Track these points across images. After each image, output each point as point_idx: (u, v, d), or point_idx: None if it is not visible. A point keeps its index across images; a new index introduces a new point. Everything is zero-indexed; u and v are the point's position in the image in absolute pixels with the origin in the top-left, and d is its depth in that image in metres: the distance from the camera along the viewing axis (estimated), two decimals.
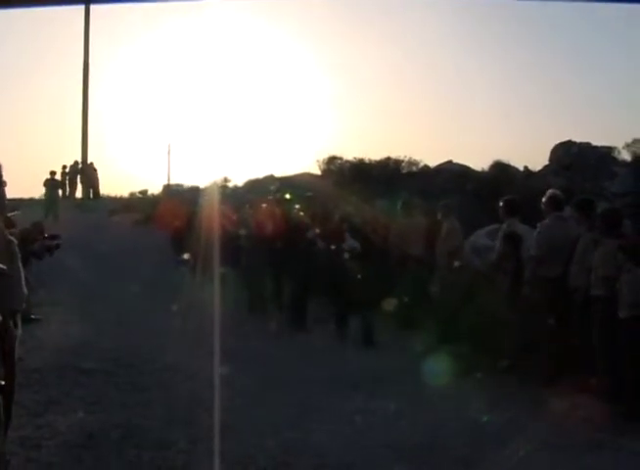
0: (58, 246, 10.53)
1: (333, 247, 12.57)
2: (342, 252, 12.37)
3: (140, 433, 6.90)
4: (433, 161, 23.78)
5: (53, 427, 7.02)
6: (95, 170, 32.50)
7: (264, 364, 9.79)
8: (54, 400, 7.94)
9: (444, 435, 7.20)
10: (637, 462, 6.80)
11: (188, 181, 30.09)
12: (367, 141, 49.67)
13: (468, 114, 42.60)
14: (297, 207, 14.38)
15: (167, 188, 31.50)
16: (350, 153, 24.59)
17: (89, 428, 7.06)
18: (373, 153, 24.20)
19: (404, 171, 23.29)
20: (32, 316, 11.13)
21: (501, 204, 10.61)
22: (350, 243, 12.39)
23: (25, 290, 7.59)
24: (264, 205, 14.86)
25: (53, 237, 10.63)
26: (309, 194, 15.31)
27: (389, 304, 11.78)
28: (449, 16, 42.80)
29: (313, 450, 6.50)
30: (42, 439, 6.69)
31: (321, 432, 7.06)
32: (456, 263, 11.75)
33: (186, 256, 14.39)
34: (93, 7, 31.60)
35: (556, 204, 9.71)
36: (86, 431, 6.97)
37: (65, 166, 31.03)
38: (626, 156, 21.66)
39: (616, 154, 21.55)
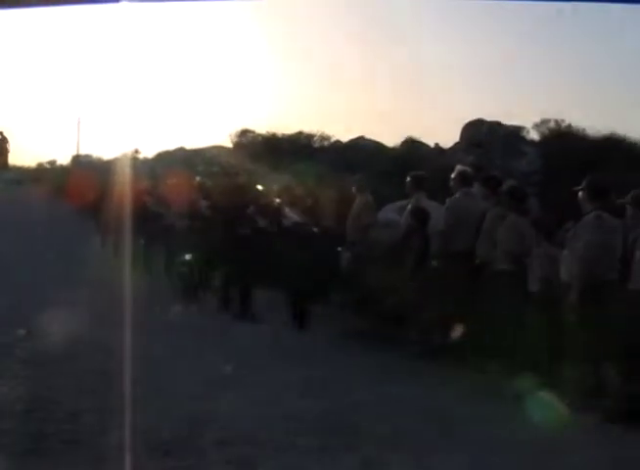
0: None
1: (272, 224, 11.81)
2: (284, 229, 11.62)
3: (45, 406, 6.75)
4: (345, 136, 23.91)
5: None
6: (6, 140, 31.73)
7: (175, 337, 9.74)
8: None
9: (350, 407, 7.27)
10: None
11: (97, 152, 29.73)
12: (280, 115, 49.61)
13: (380, 90, 42.89)
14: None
15: (77, 159, 30.99)
16: (263, 127, 24.54)
17: None
18: (285, 127, 24.19)
19: (316, 146, 23.35)
20: None
21: (408, 179, 10.73)
22: (292, 218, 11.53)
23: None
24: (195, 178, 14.18)
25: None
26: (216, 169, 14.97)
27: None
28: None
29: (219, 422, 6.48)
30: None
31: (227, 404, 7.06)
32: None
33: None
34: None
35: (464, 180, 9.86)
36: None
37: None
38: (535, 136, 22.09)
39: (525, 133, 21.94)
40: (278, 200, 12.39)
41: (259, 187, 12.98)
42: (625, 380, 7.43)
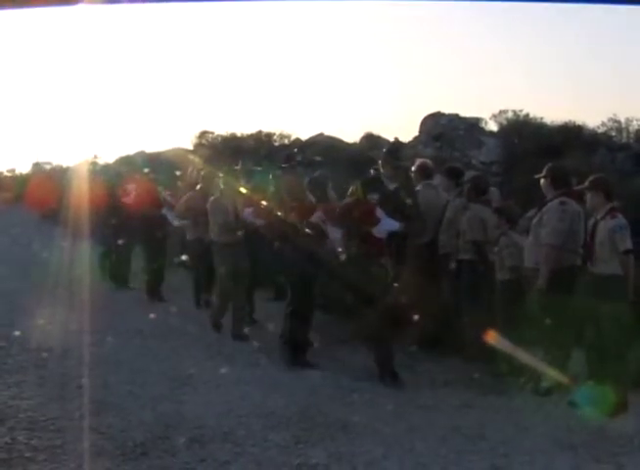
0: None
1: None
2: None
3: (14, 414, 6.73)
4: (304, 133, 23.95)
5: None
6: None
7: (138, 339, 9.71)
8: None
9: (319, 401, 7.36)
10: (504, 419, 7.07)
11: (56, 159, 29.58)
12: (240, 115, 49.71)
13: (338, 87, 43.00)
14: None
15: (37, 166, 30.88)
16: (223, 127, 24.57)
17: None
18: (245, 127, 24.26)
19: (276, 144, 23.35)
20: None
21: (372, 173, 10.69)
22: (387, 224, 8.36)
23: None
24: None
25: None
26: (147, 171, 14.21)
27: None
28: None
29: (190, 422, 6.50)
30: None
31: (197, 403, 7.08)
32: None
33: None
34: None
35: (425, 172, 9.89)
36: None
37: None
38: (493, 126, 22.22)
39: (483, 124, 22.06)
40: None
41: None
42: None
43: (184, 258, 12.33)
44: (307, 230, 8.79)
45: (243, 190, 10.54)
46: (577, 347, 7.89)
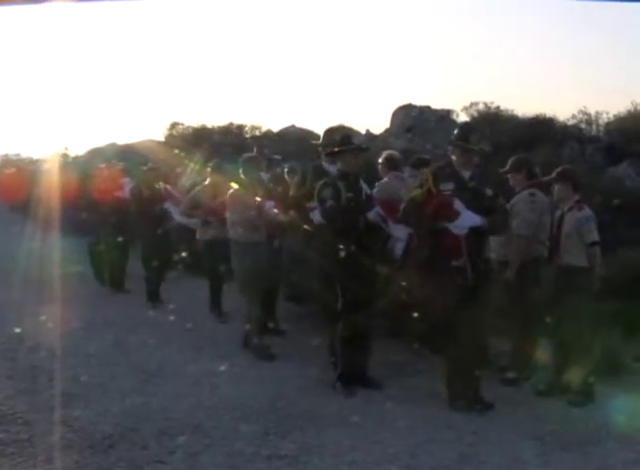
0: None
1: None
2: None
3: None
4: (275, 125, 23.99)
5: None
6: None
7: (107, 332, 9.66)
8: None
9: (288, 393, 7.38)
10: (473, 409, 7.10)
11: (25, 151, 29.48)
12: (210, 107, 49.72)
13: (309, 79, 43.10)
14: None
15: (6, 158, 30.75)
16: (193, 119, 24.52)
17: None
18: (215, 118, 24.25)
19: (248, 136, 23.30)
20: None
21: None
22: (468, 218, 6.90)
23: None
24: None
25: None
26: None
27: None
28: None
29: (159, 414, 6.51)
30: None
31: (166, 395, 7.08)
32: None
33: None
34: None
35: (393, 164, 9.89)
36: None
37: None
38: (464, 118, 22.34)
39: (454, 116, 22.15)
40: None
41: None
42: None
43: (184, 254, 12.06)
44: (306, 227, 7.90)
45: (264, 182, 9.86)
46: (544, 338, 7.95)
